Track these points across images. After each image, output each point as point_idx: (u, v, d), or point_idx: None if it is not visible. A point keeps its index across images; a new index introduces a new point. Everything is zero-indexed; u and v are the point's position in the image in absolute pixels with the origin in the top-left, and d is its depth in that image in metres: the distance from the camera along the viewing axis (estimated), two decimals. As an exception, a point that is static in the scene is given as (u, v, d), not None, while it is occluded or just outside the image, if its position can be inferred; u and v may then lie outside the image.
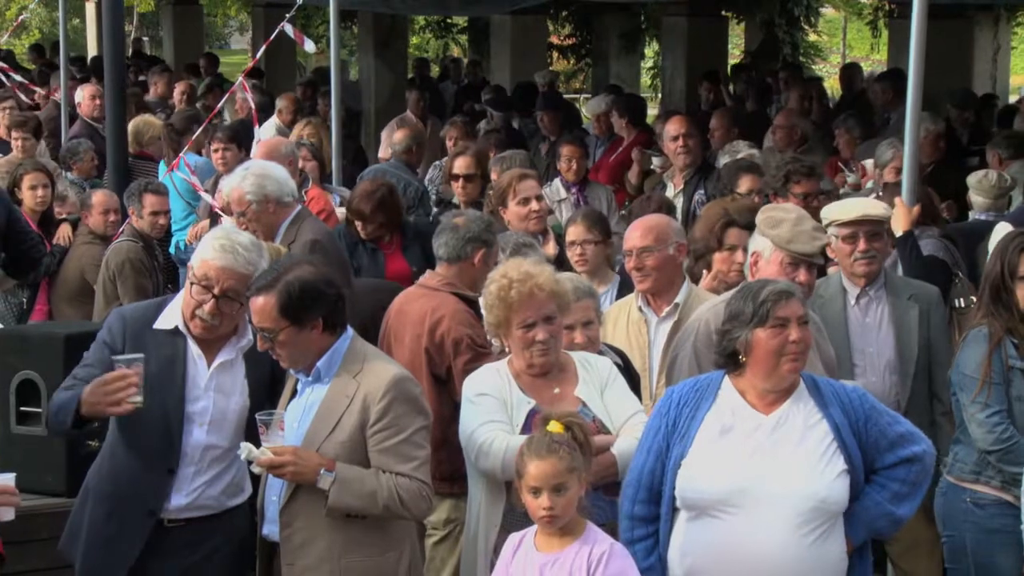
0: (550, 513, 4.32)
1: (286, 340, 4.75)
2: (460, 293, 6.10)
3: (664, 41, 19.07)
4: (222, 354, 5.02)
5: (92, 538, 5.01)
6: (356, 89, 18.22)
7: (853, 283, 6.30)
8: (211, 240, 5.04)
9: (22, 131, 11.36)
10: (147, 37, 33.71)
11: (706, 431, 4.59)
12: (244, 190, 7.12)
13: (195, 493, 4.99)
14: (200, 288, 4.93)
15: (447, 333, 5.98)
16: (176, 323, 4.99)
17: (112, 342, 5.00)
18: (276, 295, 4.72)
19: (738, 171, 8.33)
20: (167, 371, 4.93)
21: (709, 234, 6.48)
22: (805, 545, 4.48)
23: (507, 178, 7.74)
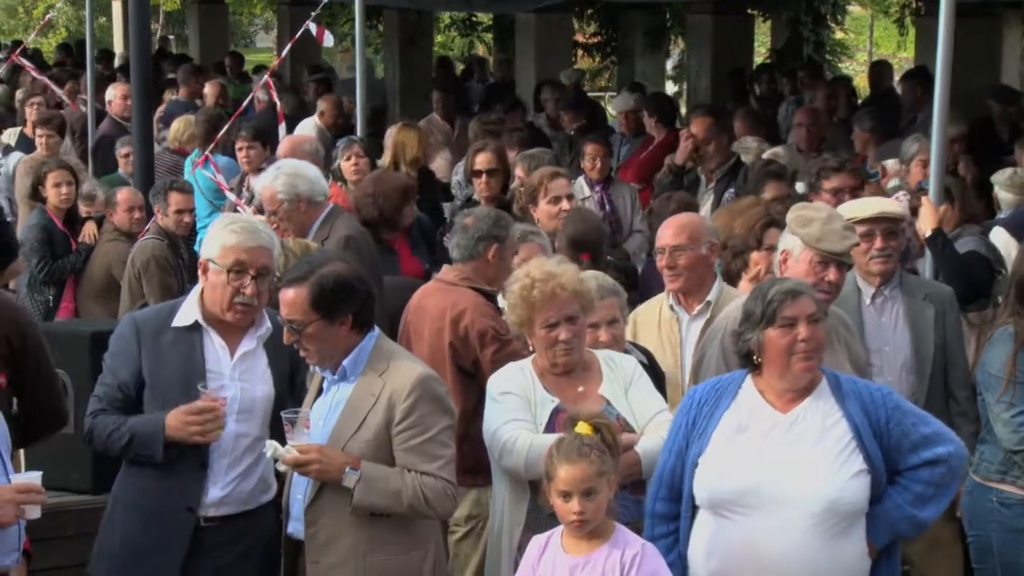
0: (581, 518, 4.31)
1: (314, 334, 4.75)
2: (478, 287, 6.11)
3: (689, 39, 19.05)
4: (243, 344, 5.02)
5: (130, 552, 4.95)
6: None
7: (868, 282, 6.27)
8: (223, 228, 5.01)
9: (46, 128, 11.42)
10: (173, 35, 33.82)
11: (722, 430, 4.60)
12: (276, 189, 7.14)
13: (230, 486, 4.98)
14: (235, 274, 4.92)
15: (471, 326, 5.99)
16: (195, 318, 4.99)
17: (130, 351, 4.97)
18: (309, 288, 4.74)
19: (765, 176, 8.33)
20: (188, 366, 4.93)
21: (749, 232, 6.47)
22: (819, 546, 4.46)
23: (538, 176, 7.74)
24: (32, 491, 4.53)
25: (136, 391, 4.95)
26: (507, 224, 6.31)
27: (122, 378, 4.96)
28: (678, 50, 26.00)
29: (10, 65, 17.12)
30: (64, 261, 9.09)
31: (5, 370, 4.99)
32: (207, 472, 4.94)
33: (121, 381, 4.96)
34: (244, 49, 32.89)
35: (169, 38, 31.97)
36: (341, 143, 9.45)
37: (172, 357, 4.94)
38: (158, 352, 4.94)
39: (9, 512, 4.48)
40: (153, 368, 4.94)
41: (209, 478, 4.94)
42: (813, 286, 5.08)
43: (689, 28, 18.78)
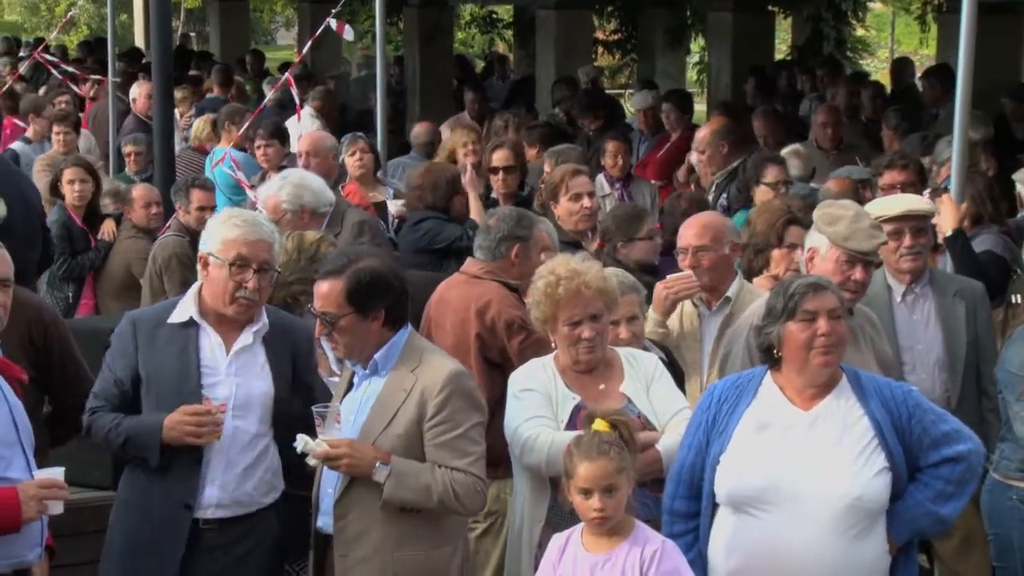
0: (601, 515, 4.32)
1: (346, 327, 4.77)
2: (502, 280, 6.12)
3: (710, 36, 18.99)
4: (240, 339, 5.02)
5: (131, 551, 4.97)
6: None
7: (898, 280, 6.26)
8: (224, 222, 5.02)
9: (63, 125, 11.45)
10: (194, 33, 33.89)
11: (744, 427, 4.59)
12: (280, 199, 7.17)
13: (229, 486, 4.97)
14: (237, 268, 4.93)
15: (498, 316, 6.01)
16: (190, 314, 4.99)
17: (126, 349, 4.98)
18: (345, 280, 4.76)
19: (764, 161, 8.38)
20: (182, 361, 4.94)
21: (769, 230, 6.47)
22: (841, 544, 4.46)
23: (560, 173, 7.75)
24: (55, 487, 4.55)
25: (132, 388, 4.96)
26: (530, 223, 6.32)
27: (119, 375, 4.97)
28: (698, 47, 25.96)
29: (32, 62, 17.19)
30: (83, 258, 9.12)
31: (30, 368, 5.01)
32: (203, 468, 4.93)
33: (118, 378, 4.97)
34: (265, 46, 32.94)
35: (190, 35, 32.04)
36: (345, 139, 9.46)
37: (167, 353, 4.95)
38: (153, 349, 4.95)
39: (32, 508, 4.50)
40: (148, 365, 4.94)
41: (206, 475, 4.94)
42: (840, 285, 5.08)
43: (709, 25, 18.71)
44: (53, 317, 5.68)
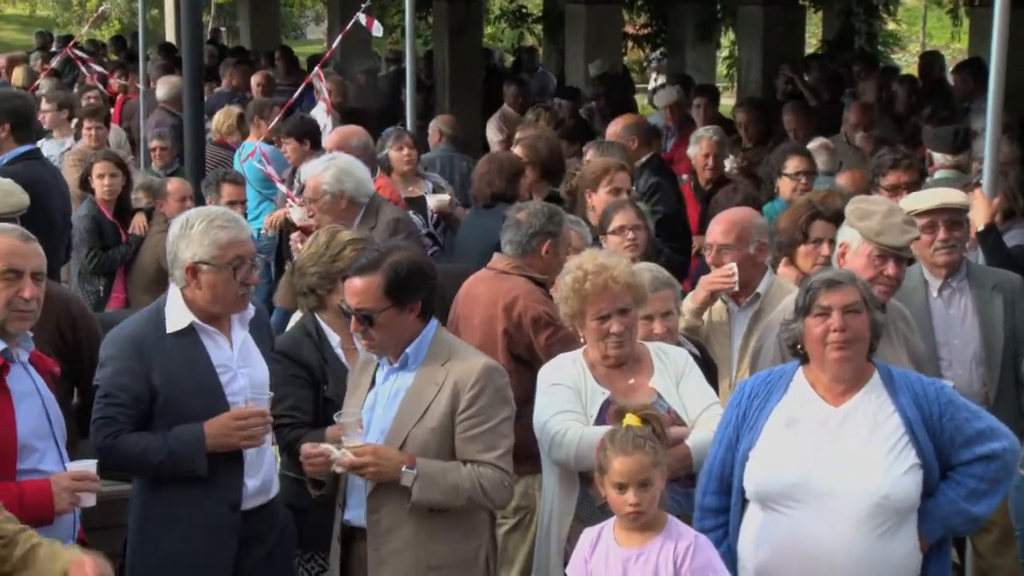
0: (637, 509, 4.32)
1: (384, 322, 4.77)
2: (530, 275, 6.12)
3: (740, 30, 18.94)
4: (236, 333, 5.04)
5: (176, 564, 4.91)
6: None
7: (935, 274, 6.22)
8: (209, 225, 4.93)
9: (93, 120, 11.49)
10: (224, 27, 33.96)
11: (773, 423, 4.58)
12: (322, 180, 7.17)
13: (261, 472, 5.00)
14: (240, 269, 4.93)
15: (525, 312, 6.01)
16: (189, 320, 4.96)
17: (133, 367, 4.89)
18: (382, 275, 4.76)
19: (786, 152, 8.38)
20: (197, 367, 4.92)
21: (794, 226, 6.46)
22: (870, 541, 4.44)
23: (605, 164, 7.75)
24: (87, 479, 4.57)
25: (149, 405, 4.91)
26: (560, 219, 6.32)
27: (134, 393, 4.89)
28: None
29: (64, 57, 17.27)
30: (114, 252, 9.14)
31: (60, 361, 5.03)
32: (242, 464, 4.94)
33: (134, 396, 4.88)
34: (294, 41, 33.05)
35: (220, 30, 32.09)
36: (390, 133, 9.46)
37: (178, 363, 4.91)
38: (162, 361, 4.91)
39: (65, 500, 4.52)
40: (163, 378, 4.89)
41: (245, 470, 4.96)
42: (872, 280, 5.06)
43: (740, 19, 18.67)
44: (82, 310, 5.70)
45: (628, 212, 6.91)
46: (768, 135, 11.46)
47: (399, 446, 4.75)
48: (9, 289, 4.55)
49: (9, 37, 34.45)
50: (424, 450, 4.74)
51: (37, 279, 4.63)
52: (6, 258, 4.57)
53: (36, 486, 4.49)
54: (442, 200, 8.72)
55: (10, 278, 4.56)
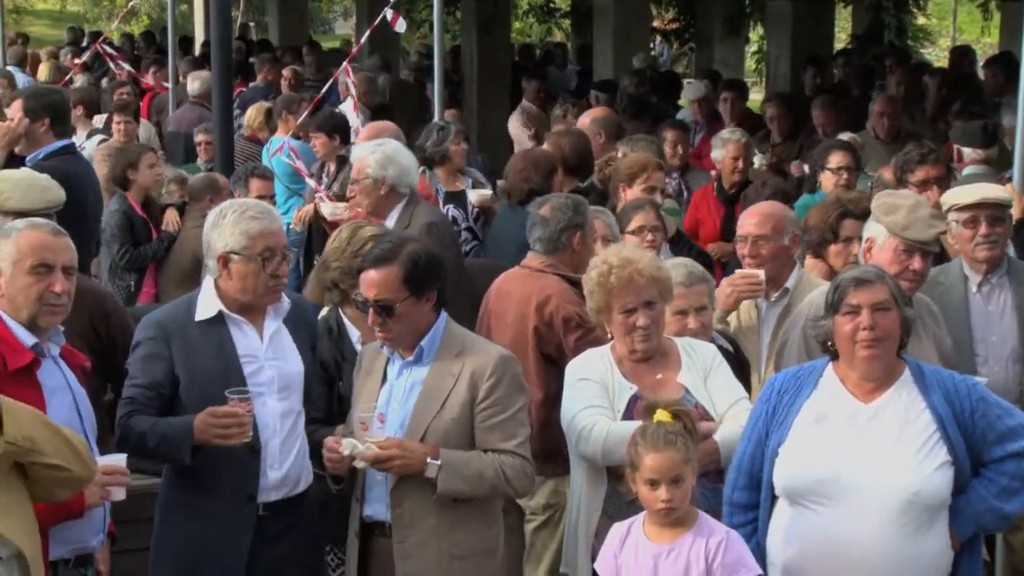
0: (669, 505, 4.32)
1: (403, 312, 4.78)
2: (563, 274, 6.11)
3: (769, 25, 18.88)
4: (269, 324, 5.03)
5: (194, 555, 4.94)
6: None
7: (975, 270, 6.17)
8: (240, 216, 4.95)
9: (123, 115, 11.52)
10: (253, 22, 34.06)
11: (803, 419, 4.57)
12: (368, 163, 7.17)
13: (286, 465, 5.00)
14: (270, 261, 4.93)
15: (556, 312, 6.00)
16: (218, 309, 4.97)
17: (159, 352, 4.93)
18: (400, 265, 4.77)
19: (830, 147, 8.34)
20: (222, 356, 4.93)
21: (824, 225, 6.44)
22: (900, 539, 4.42)
23: (644, 161, 7.73)
24: (116, 472, 4.59)
25: (171, 390, 4.93)
26: (585, 209, 6.31)
27: (155, 378, 4.91)
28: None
29: (94, 53, 17.34)
30: (146, 248, 9.15)
31: (92, 356, 5.05)
32: (262, 454, 4.94)
33: (154, 381, 4.91)
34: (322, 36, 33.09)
35: (249, 25, 32.20)
36: (445, 127, 9.46)
37: (204, 350, 4.93)
38: (188, 349, 4.93)
39: (95, 493, 4.54)
40: (186, 365, 4.92)
41: (265, 460, 4.96)
42: (898, 275, 5.04)
43: (768, 14, 18.61)
44: (115, 306, 5.73)
45: (648, 212, 6.90)
46: (797, 130, 11.42)
47: (419, 438, 4.76)
48: (40, 283, 4.58)
49: (39, 32, 34.57)
50: (444, 441, 4.76)
51: (68, 273, 4.65)
52: (37, 252, 4.60)
53: None
54: (483, 195, 8.72)
55: (41, 272, 4.59)
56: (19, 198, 5.72)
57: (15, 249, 4.60)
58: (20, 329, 4.57)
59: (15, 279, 4.58)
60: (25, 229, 4.67)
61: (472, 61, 19.75)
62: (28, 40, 22.67)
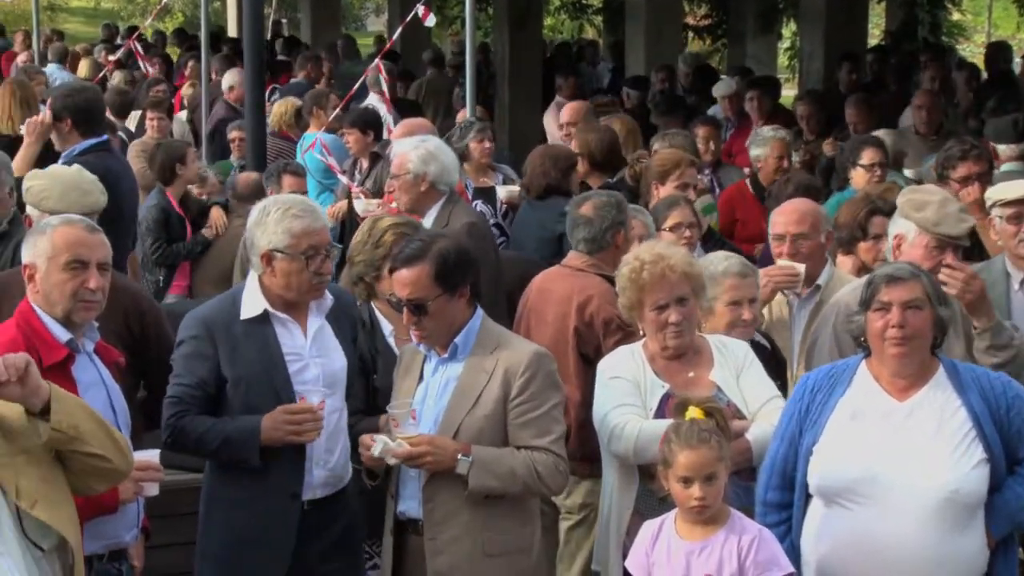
0: (702, 503, 4.31)
1: (436, 310, 4.78)
2: (606, 274, 6.10)
3: (802, 21, 18.79)
4: (312, 321, 5.04)
5: (238, 550, 4.95)
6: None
7: (1017, 267, 6.10)
8: (284, 214, 4.95)
9: (157, 111, 11.57)
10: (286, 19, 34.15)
11: (837, 417, 4.55)
12: (409, 158, 7.19)
13: (331, 463, 5.01)
14: (311, 258, 4.93)
15: (597, 313, 5.99)
16: (263, 307, 4.98)
17: (204, 350, 4.94)
18: (431, 263, 4.77)
19: (861, 144, 8.30)
20: (266, 354, 4.94)
21: (853, 222, 6.44)
22: (937, 538, 4.39)
23: (678, 158, 7.72)
24: (150, 468, 4.62)
25: (216, 388, 4.95)
26: (626, 206, 6.31)
27: (200, 377, 4.93)
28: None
29: (127, 50, 17.42)
30: (180, 246, 9.15)
31: (126, 354, 5.08)
32: (307, 455, 4.95)
33: (199, 379, 4.93)
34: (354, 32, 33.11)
35: (282, 21, 32.28)
36: (472, 124, 9.47)
37: (249, 349, 4.94)
38: (233, 347, 4.94)
39: (129, 489, 4.57)
40: (232, 363, 4.93)
41: (312, 459, 4.97)
42: (930, 271, 5.00)
43: (801, 10, 18.51)
44: (150, 304, 5.75)
45: (684, 209, 6.89)
46: (829, 128, 11.37)
47: (452, 435, 4.76)
48: (75, 279, 4.60)
49: (73, 29, 34.76)
50: (477, 438, 4.75)
51: (103, 270, 4.67)
52: (72, 248, 4.63)
53: None
54: (512, 191, 8.72)
55: (76, 268, 4.61)
56: (57, 199, 5.74)
57: (50, 245, 4.63)
58: (55, 325, 4.61)
59: (50, 275, 4.61)
60: (60, 225, 4.70)
61: (504, 58, 19.74)
62: (63, 37, 22.80)
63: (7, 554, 3.76)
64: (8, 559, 3.76)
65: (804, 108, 11.63)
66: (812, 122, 11.40)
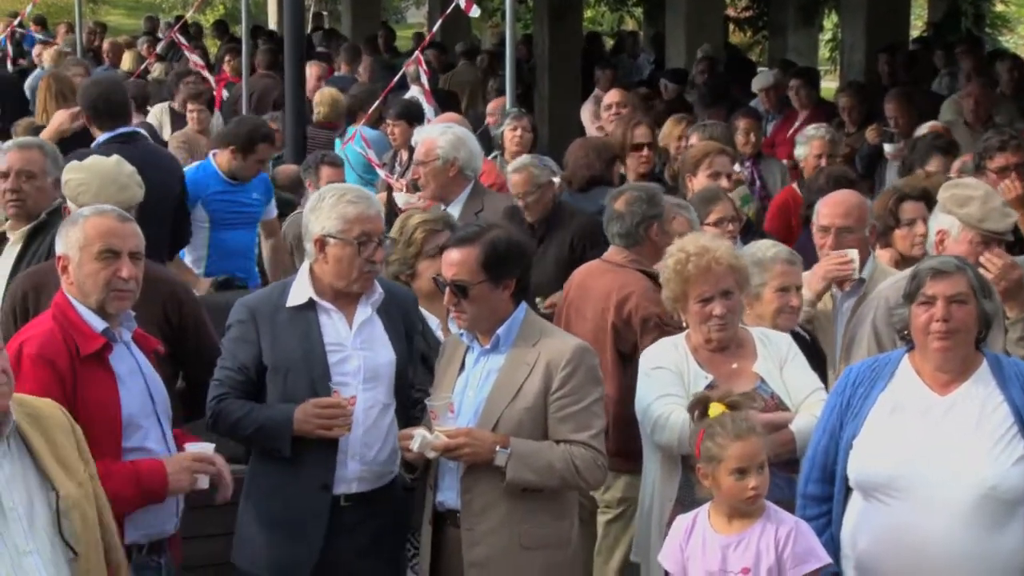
0: (757, 492, 4.31)
1: (477, 296, 4.77)
2: (646, 270, 6.07)
3: (844, 13, 18.68)
4: (359, 313, 5.02)
5: (270, 538, 4.98)
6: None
7: None
8: (339, 200, 4.96)
9: (197, 103, 11.58)
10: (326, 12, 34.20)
11: (878, 411, 4.51)
12: (438, 144, 7.16)
13: (368, 457, 4.99)
14: (363, 245, 4.93)
15: (635, 310, 5.96)
16: (308, 295, 4.98)
17: (248, 336, 4.97)
18: (480, 248, 4.76)
19: (931, 149, 8.19)
20: (307, 343, 4.94)
21: (885, 212, 6.45)
22: (975, 535, 4.35)
23: (705, 148, 7.70)
24: (206, 460, 4.63)
25: (257, 374, 4.96)
26: (660, 199, 6.27)
27: (243, 362, 4.95)
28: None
29: (168, 42, 17.48)
30: None
31: (165, 344, 5.08)
32: (341, 445, 4.94)
33: (241, 364, 4.95)
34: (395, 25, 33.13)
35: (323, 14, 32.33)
36: (511, 113, 9.46)
37: (290, 337, 4.94)
38: (275, 334, 4.95)
39: (182, 480, 4.58)
40: (274, 351, 4.94)
41: (346, 452, 4.96)
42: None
43: (843, 1, 18.42)
44: (188, 294, 5.76)
45: (725, 203, 6.88)
46: (871, 120, 11.29)
47: (492, 427, 4.75)
48: (107, 269, 4.62)
49: (116, 21, 34.93)
50: (517, 431, 4.74)
51: (135, 259, 4.68)
52: (103, 238, 4.64)
53: (150, 466, 4.56)
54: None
55: (108, 258, 4.63)
56: (94, 193, 5.73)
57: (82, 235, 4.65)
58: (91, 315, 4.62)
59: (83, 265, 4.63)
60: (91, 216, 4.71)
61: (544, 49, 19.71)
62: (106, 29, 22.91)
63: (36, 552, 3.78)
64: (37, 557, 3.78)
65: (846, 100, 11.57)
66: (854, 114, 11.33)
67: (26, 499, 3.82)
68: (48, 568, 3.78)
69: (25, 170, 6.34)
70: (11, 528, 3.76)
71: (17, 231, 6.30)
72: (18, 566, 3.75)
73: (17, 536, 3.77)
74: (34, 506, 3.82)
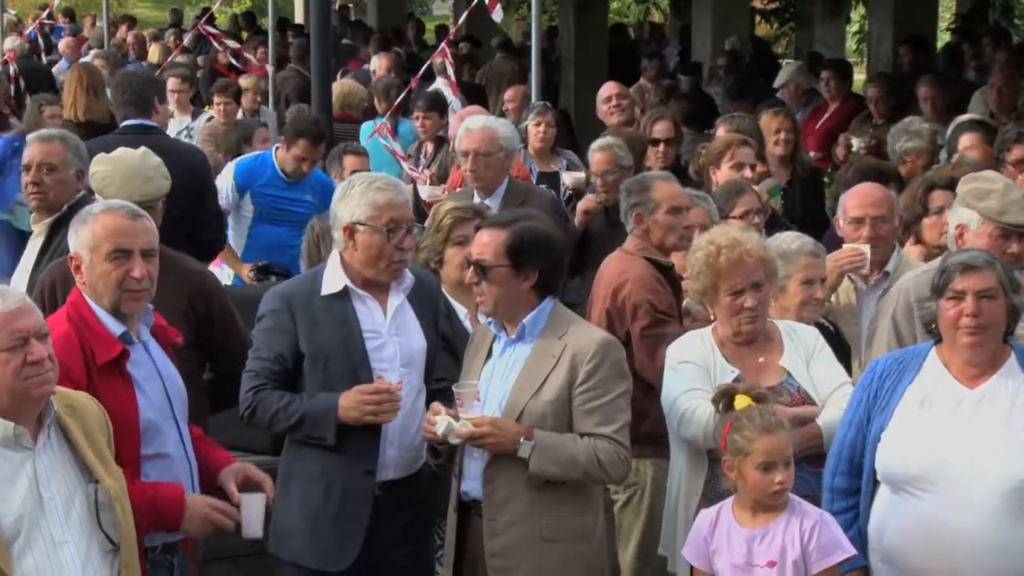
0: (784, 487, 4.30)
1: (496, 279, 4.76)
2: (653, 258, 6.06)
3: (871, 4, 18.61)
4: (392, 299, 5.02)
5: (313, 525, 4.96)
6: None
7: None
8: (368, 187, 4.95)
9: (224, 96, 11.56)
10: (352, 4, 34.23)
11: (906, 404, 4.50)
12: (501, 134, 7.16)
13: (404, 443, 5.00)
14: (393, 232, 4.92)
15: (628, 297, 5.95)
16: (343, 283, 4.98)
17: (283, 325, 4.94)
18: (509, 233, 4.76)
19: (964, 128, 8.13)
20: (345, 331, 4.94)
21: (914, 201, 6.45)
22: (1005, 527, 4.34)
23: (726, 140, 7.69)
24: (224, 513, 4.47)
25: (294, 363, 4.95)
26: (642, 186, 6.21)
27: (279, 351, 4.93)
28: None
29: (195, 34, 17.51)
30: None
31: (192, 335, 5.07)
32: (381, 434, 4.95)
33: (277, 354, 4.93)
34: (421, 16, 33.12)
35: (349, 6, 32.35)
36: (536, 107, 9.45)
37: (327, 325, 4.94)
38: (312, 322, 4.94)
39: (196, 525, 4.44)
40: (310, 339, 4.93)
41: (386, 438, 4.96)
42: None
43: (871, -7, 18.37)
44: (216, 285, 5.75)
45: (751, 196, 6.87)
46: (899, 111, 11.23)
47: (516, 418, 4.74)
48: (119, 269, 4.48)
49: (142, 14, 35.01)
50: (541, 422, 4.74)
51: (148, 257, 4.55)
52: (113, 238, 4.51)
53: (169, 492, 4.40)
54: (578, 177, 8.69)
55: (119, 258, 4.49)
56: (118, 186, 5.67)
57: (91, 235, 4.52)
58: (107, 317, 4.49)
59: (94, 266, 4.51)
60: (101, 214, 4.58)
61: (570, 42, 19.68)
62: (135, 22, 22.94)
63: (70, 543, 3.80)
64: (72, 548, 3.79)
65: (874, 91, 11.49)
66: (881, 105, 11.26)
67: (64, 490, 3.83)
68: (82, 559, 3.80)
69: (46, 163, 6.36)
70: (48, 519, 3.77)
71: (40, 223, 6.32)
72: (53, 557, 3.76)
73: (53, 527, 3.78)
74: (72, 497, 3.82)
